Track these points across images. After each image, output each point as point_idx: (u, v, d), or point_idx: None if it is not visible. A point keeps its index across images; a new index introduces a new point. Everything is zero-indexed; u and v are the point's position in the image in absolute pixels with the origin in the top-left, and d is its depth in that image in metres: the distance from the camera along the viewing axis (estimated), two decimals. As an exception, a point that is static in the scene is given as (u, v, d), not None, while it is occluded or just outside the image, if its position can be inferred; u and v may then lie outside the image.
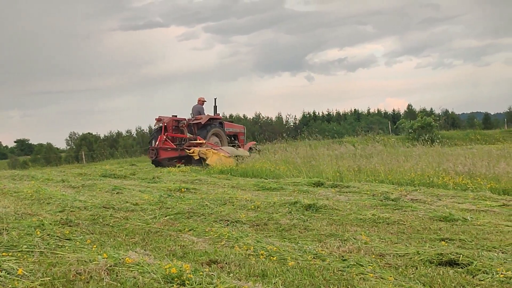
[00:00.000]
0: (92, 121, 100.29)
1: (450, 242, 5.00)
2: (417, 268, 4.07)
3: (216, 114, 18.74)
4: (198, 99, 18.59)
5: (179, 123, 17.83)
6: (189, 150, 16.36)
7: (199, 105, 18.49)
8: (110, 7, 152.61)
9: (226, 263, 4.14)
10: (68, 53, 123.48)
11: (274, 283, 3.64)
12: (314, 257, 4.34)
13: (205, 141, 16.83)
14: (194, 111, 18.45)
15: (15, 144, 67.87)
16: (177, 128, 17.86)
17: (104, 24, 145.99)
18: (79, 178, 12.31)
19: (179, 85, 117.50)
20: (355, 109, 61.03)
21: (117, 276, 3.66)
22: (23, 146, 66.16)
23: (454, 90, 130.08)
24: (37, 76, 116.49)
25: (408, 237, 5.29)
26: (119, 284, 3.51)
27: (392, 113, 58.70)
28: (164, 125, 17.42)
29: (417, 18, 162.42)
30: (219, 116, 18.95)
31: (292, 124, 56.19)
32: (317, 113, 59.84)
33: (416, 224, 5.99)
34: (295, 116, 58.26)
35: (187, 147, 16.75)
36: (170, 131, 17.62)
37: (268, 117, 56.37)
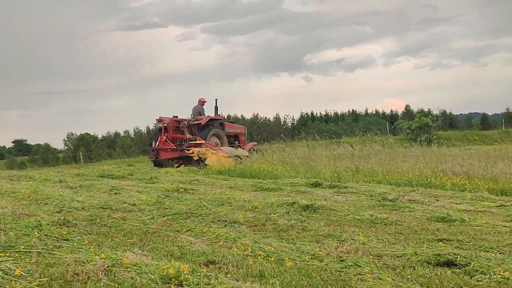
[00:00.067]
0: (90, 122, 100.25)
1: (448, 243, 5.01)
2: (414, 269, 4.08)
3: (217, 115, 18.75)
4: (199, 99, 18.59)
5: (179, 124, 17.85)
6: (189, 150, 16.37)
7: (200, 106, 18.50)
8: (108, 7, 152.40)
9: (224, 264, 4.14)
10: (66, 54, 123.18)
11: (272, 283, 3.64)
12: (312, 258, 4.35)
13: (204, 142, 16.83)
14: (194, 112, 18.45)
15: (13, 144, 67.72)
16: (177, 129, 17.87)
17: (102, 24, 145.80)
18: (77, 179, 12.30)
19: (177, 85, 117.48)
20: (353, 110, 61.04)
21: (114, 276, 3.65)
22: (21, 147, 66.00)
23: (452, 91, 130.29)
24: (35, 76, 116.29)
25: (406, 238, 5.30)
26: (116, 285, 3.51)
27: (390, 114, 58.67)
28: (164, 125, 17.44)
29: (415, 18, 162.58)
30: (220, 117, 18.96)
31: (290, 125, 56.15)
32: (315, 114, 59.83)
33: (414, 225, 6.00)
34: (293, 116, 58.24)
35: (186, 147, 16.77)
36: (170, 131, 17.65)
37: (266, 118, 56.39)
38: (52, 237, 4.97)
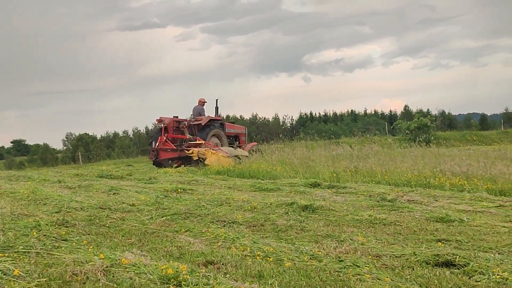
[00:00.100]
0: (89, 122, 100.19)
1: (447, 243, 5.01)
2: (413, 269, 4.08)
3: (217, 115, 18.74)
4: (199, 100, 18.60)
5: (179, 124, 17.86)
6: (188, 150, 16.39)
7: (200, 106, 18.50)
8: (107, 7, 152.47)
9: (223, 264, 4.14)
10: (65, 54, 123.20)
11: (271, 284, 3.64)
12: (310, 258, 4.35)
13: (203, 142, 16.84)
14: (194, 112, 18.46)
15: (12, 144, 67.72)
16: (177, 129, 17.89)
17: (101, 24, 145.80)
18: (75, 179, 12.30)
19: (176, 85, 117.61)
20: (352, 110, 61.13)
21: (113, 277, 3.65)
22: (20, 147, 65.97)
23: (451, 91, 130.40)
24: (33, 77, 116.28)
25: (405, 238, 5.30)
26: (115, 285, 3.50)
27: (389, 114, 58.74)
28: (165, 126, 17.46)
29: (414, 19, 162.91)
30: (220, 117, 18.95)
31: (289, 125, 56.17)
32: (314, 114, 59.91)
33: (412, 225, 6.00)
34: (292, 116, 58.29)
35: (186, 147, 16.79)
36: (171, 132, 17.67)
37: (265, 118, 56.39)
38: (51, 237, 4.97)
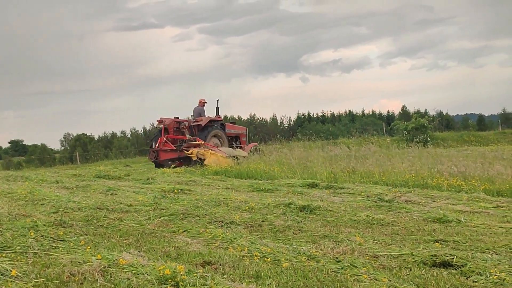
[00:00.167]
0: (87, 122, 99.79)
1: (444, 244, 5.01)
2: (411, 270, 4.08)
3: (217, 116, 18.73)
4: (199, 100, 18.59)
5: (180, 125, 17.88)
6: (188, 151, 16.41)
7: (200, 107, 18.51)
8: (104, 8, 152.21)
9: (220, 265, 4.14)
10: (63, 54, 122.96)
11: (268, 284, 3.65)
12: (308, 259, 4.35)
13: (203, 142, 16.86)
14: (195, 113, 18.47)
15: (9, 144, 67.53)
16: (178, 130, 17.90)
17: (98, 25, 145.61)
18: (73, 179, 12.28)
19: (173, 86, 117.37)
20: (349, 110, 61.11)
21: (111, 277, 3.65)
22: (17, 147, 65.81)
23: (449, 92, 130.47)
24: (31, 77, 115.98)
25: (402, 239, 5.30)
26: (112, 286, 3.50)
27: (387, 115, 58.75)
28: (165, 126, 17.47)
29: (411, 19, 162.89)
30: (220, 117, 18.94)
31: (287, 125, 56.19)
32: (311, 114, 59.90)
33: (410, 226, 6.01)
34: (290, 117, 58.31)
35: (185, 148, 16.80)
36: (171, 132, 17.70)
37: (263, 118, 56.39)
38: (48, 237, 4.97)
